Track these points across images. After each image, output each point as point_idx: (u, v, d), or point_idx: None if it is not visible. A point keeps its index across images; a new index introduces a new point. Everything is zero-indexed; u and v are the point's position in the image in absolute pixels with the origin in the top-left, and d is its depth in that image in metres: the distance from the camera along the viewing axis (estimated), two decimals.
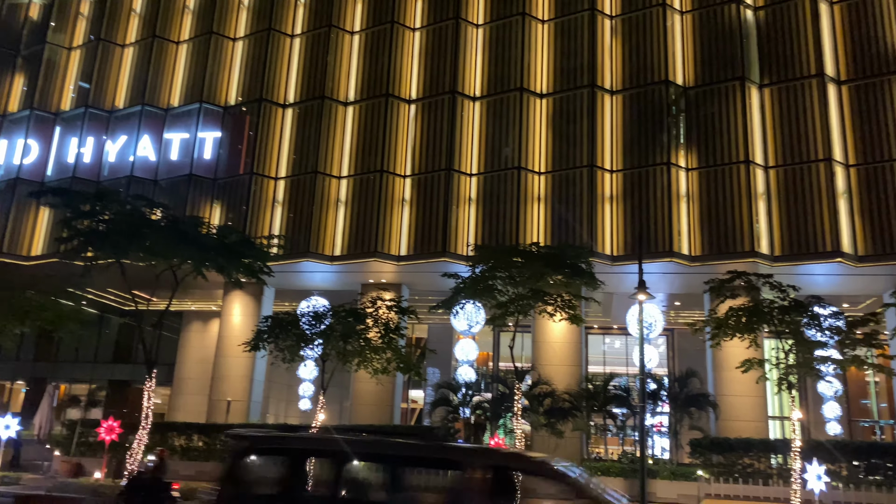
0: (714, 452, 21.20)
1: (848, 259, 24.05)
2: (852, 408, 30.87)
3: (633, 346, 32.46)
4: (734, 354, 21.38)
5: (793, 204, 25.03)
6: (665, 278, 26.78)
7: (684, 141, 26.75)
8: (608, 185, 27.01)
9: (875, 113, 25.05)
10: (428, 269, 26.88)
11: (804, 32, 26.06)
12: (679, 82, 27.16)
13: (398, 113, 29.06)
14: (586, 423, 24.64)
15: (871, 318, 19.27)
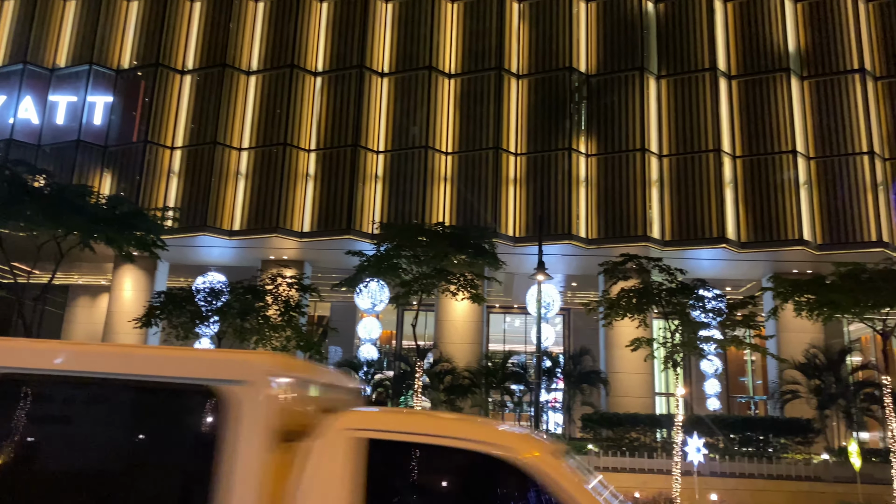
0: (604, 427, 22.19)
1: (732, 245, 25.58)
2: (731, 385, 33.03)
3: (532, 324, 33.36)
4: (625, 334, 22.35)
5: (683, 191, 26.33)
6: (563, 260, 27.62)
7: (585, 127, 27.54)
8: (512, 168, 27.49)
9: (761, 107, 26.63)
10: (332, 247, 26.56)
11: (699, 27, 27.29)
12: (582, 70, 27.88)
13: (303, 85, 28.38)
14: (485, 400, 25.20)
15: (749, 301, 20.58)
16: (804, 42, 27.26)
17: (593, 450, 21.07)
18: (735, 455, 21.12)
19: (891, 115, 26.33)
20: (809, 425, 21.90)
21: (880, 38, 27.02)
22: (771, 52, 26.93)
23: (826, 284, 18.79)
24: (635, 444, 21.49)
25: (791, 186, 25.68)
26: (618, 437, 21.80)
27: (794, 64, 26.83)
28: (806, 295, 19.25)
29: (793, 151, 25.82)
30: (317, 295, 21.73)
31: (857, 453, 18.08)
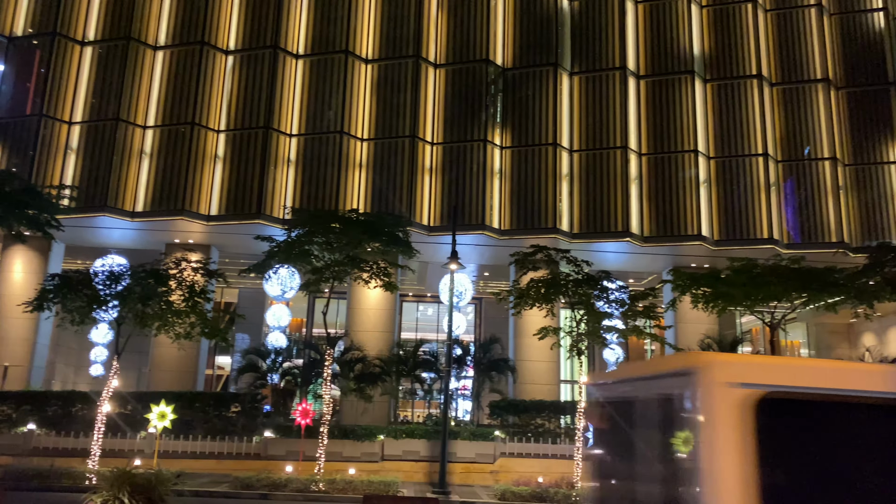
0: (511, 414, 22.68)
1: (635, 239, 26.60)
2: None
3: (444, 313, 33.64)
4: (533, 323, 22.87)
5: (592, 186, 27.14)
6: (477, 250, 27.95)
7: (500, 120, 27.90)
8: (428, 157, 27.54)
9: (666, 108, 27.74)
10: (241, 231, 25.86)
11: (611, 27, 28.12)
12: (499, 62, 28.20)
13: (214, 63, 27.40)
14: (395, 388, 25.26)
15: (650, 293, 21.44)
16: (708, 47, 28.56)
17: (500, 436, 21.50)
18: None
19: (784, 119, 28.00)
20: None
21: (776, 46, 28.65)
22: (677, 55, 28.07)
23: (721, 278, 19.82)
24: (540, 431, 22.09)
25: (692, 184, 26.92)
26: (524, 424, 22.33)
27: (699, 67, 28.08)
28: (702, 288, 20.26)
29: (694, 151, 27.06)
30: (223, 281, 21.10)
31: None
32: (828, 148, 27.36)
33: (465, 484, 20.53)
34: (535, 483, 18.56)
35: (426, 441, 21.14)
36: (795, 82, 28.11)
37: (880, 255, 20.07)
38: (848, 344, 34.04)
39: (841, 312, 24.42)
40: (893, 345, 30.60)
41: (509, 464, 20.84)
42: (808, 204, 27.16)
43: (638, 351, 35.24)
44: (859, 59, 28.54)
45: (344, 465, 19.75)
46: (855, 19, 28.99)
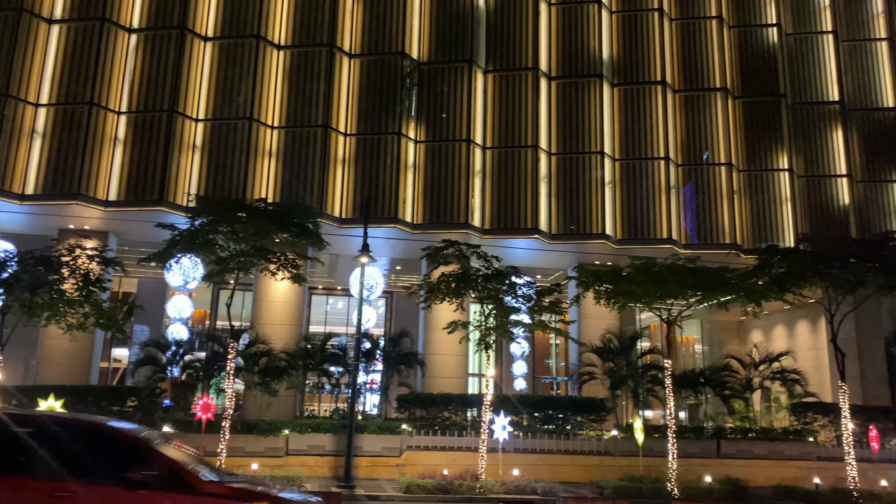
0: (418, 407, 22.76)
1: (543, 236, 27.22)
2: (537, 366, 35.25)
3: (354, 307, 33.35)
4: (443, 317, 23.03)
5: (503, 183, 27.58)
6: (389, 243, 27.88)
7: (415, 114, 27.90)
8: (341, 148, 27.21)
9: (576, 109, 28.49)
10: (141, 218, 24.75)
11: (525, 28, 28.61)
12: (414, 56, 28.17)
13: (116, 41, 26.06)
14: (302, 382, 24.86)
15: (555, 289, 22.01)
16: (616, 52, 29.52)
17: (407, 429, 21.55)
18: (537, 432, 22.59)
19: (685, 125, 29.32)
20: (603, 404, 23.94)
21: (680, 55, 29.94)
22: (587, 59, 28.88)
23: (622, 276, 20.54)
24: (447, 424, 22.27)
25: (598, 185, 27.79)
26: (431, 417, 22.45)
27: (607, 71, 28.99)
28: (605, 285, 20.94)
29: (601, 152, 27.93)
30: (121, 270, 20.15)
31: (641, 429, 20.07)
32: (724, 154, 28.85)
33: (371, 478, 20.48)
34: (440, 475, 18.72)
35: (332, 435, 20.93)
36: (696, 90, 29.47)
37: (769, 256, 21.33)
38: (738, 340, 36.11)
39: (732, 310, 25.83)
40: (779, 341, 32.69)
41: (415, 457, 20.92)
42: (704, 207, 28.56)
43: (544, 345, 36.11)
44: (754, 70, 30.21)
45: (246, 461, 19.29)
46: (751, 33, 30.67)
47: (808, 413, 24.68)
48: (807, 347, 31.24)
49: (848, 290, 20.69)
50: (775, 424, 26.20)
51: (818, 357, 30.30)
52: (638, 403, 25.71)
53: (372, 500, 17.36)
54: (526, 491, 18.16)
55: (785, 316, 32.91)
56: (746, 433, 23.92)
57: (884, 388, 29.22)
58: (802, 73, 30.92)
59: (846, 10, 31.74)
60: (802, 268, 20.53)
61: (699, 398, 26.66)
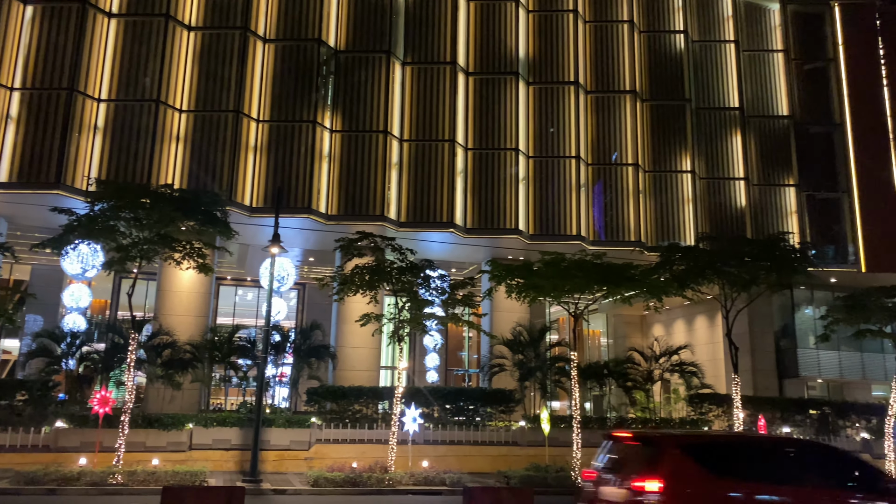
0: (328, 400, 22.52)
1: (459, 230, 27.45)
2: (450, 358, 35.58)
3: (265, 298, 32.64)
4: (357, 309, 22.83)
5: (420, 176, 27.62)
6: (302, 234, 27.41)
7: (331, 103, 27.52)
8: (253, 135, 26.53)
9: (492, 105, 28.84)
10: (36, 202, 23.33)
11: (444, 22, 28.70)
12: (331, 44, 27.77)
13: (9, 13, 24.40)
14: (208, 375, 24.14)
15: (469, 282, 22.25)
16: (532, 51, 30.04)
17: (316, 422, 21.29)
18: (448, 424, 22.80)
19: (595, 125, 30.18)
20: (511, 395, 24.40)
21: (592, 56, 30.77)
22: (504, 56, 29.26)
23: (533, 270, 20.98)
24: (357, 416, 22.14)
25: (512, 181, 28.25)
26: (341, 410, 22.26)
27: (523, 69, 29.47)
28: (516, 279, 21.33)
29: (515, 149, 28.40)
30: (12, 256, 18.97)
31: (548, 420, 20.60)
32: (631, 155, 29.89)
33: (279, 472, 20.13)
34: (349, 468, 18.60)
35: (239, 429, 20.42)
36: (607, 92, 30.39)
37: (670, 254, 22.28)
38: (641, 334, 37.60)
39: (635, 305, 26.88)
40: (679, 335, 34.25)
41: (325, 450, 20.71)
42: (612, 205, 29.53)
43: (457, 338, 36.46)
44: (662, 75, 31.42)
45: (147, 456, 18.55)
46: (660, 38, 31.86)
47: (704, 404, 25.98)
48: (704, 341, 32.87)
49: (742, 287, 21.88)
50: (674, 415, 27.46)
51: (714, 350, 31.94)
52: (545, 394, 26.37)
53: (278, 495, 17.06)
54: (435, 482, 18.30)
55: (685, 311, 34.50)
56: (647, 423, 24.92)
57: (773, 380, 31.15)
58: (706, 79, 32.40)
59: (747, 22, 33.45)
60: (701, 265, 21.55)
61: (603, 389, 27.60)
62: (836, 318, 24.39)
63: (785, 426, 26.22)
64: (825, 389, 33.81)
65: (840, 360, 31.98)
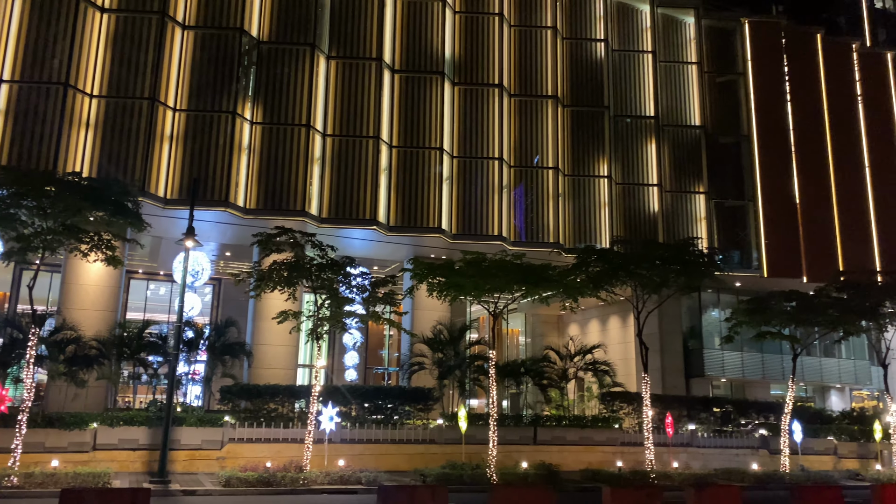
0: (243, 398, 22.01)
1: (381, 228, 27.34)
2: (370, 357, 35.37)
3: (178, 293, 31.58)
4: (275, 306, 22.43)
5: (343, 172, 27.36)
6: (218, 228, 26.64)
7: (253, 94, 26.90)
8: (169, 124, 25.63)
9: (417, 104, 28.85)
10: None
11: (370, 17, 28.50)
12: (254, 34, 27.14)
13: None
14: (115, 372, 23.16)
15: (390, 280, 22.24)
16: (458, 51, 30.24)
17: (229, 421, 20.78)
18: (366, 422, 22.69)
19: (518, 128, 30.66)
20: (430, 394, 24.51)
21: (517, 60, 31.25)
22: (430, 55, 29.33)
23: (454, 270, 21.17)
24: (273, 415, 21.74)
25: (436, 180, 28.37)
26: (256, 409, 21.80)
27: (449, 69, 29.62)
28: (438, 277, 21.45)
29: (440, 148, 28.53)
30: None
31: (465, 418, 20.81)
32: (552, 158, 30.54)
33: (189, 472, 19.54)
34: (262, 468, 18.25)
35: (147, 428, 19.68)
36: (530, 96, 30.93)
37: (587, 256, 22.93)
38: (557, 333, 38.48)
39: (553, 305, 27.50)
40: (593, 335, 35.24)
41: (238, 449, 20.23)
42: (533, 207, 30.09)
43: (377, 336, 36.31)
44: (583, 81, 32.23)
45: (46, 457, 17.63)
46: (582, 46, 32.67)
47: (616, 402, 26.85)
48: (617, 341, 33.96)
49: (653, 289, 22.77)
50: (587, 412, 28.27)
51: (626, 350, 33.04)
52: (464, 393, 26.62)
53: (188, 496, 16.55)
54: (351, 481, 18.18)
55: (599, 311, 35.53)
56: (561, 421, 25.55)
57: (680, 379, 32.50)
58: (624, 87, 33.43)
59: (664, 34, 34.72)
60: (615, 267, 22.29)
61: (520, 388, 28.12)
62: (739, 321, 25.73)
63: (691, 423, 27.41)
64: (729, 388, 35.53)
65: (742, 361, 33.70)
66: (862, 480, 24.18)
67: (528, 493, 12.97)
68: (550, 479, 19.90)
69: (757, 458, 25.78)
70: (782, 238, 33.34)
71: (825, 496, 14.83)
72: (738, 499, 13.45)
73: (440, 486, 14.71)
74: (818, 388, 38.46)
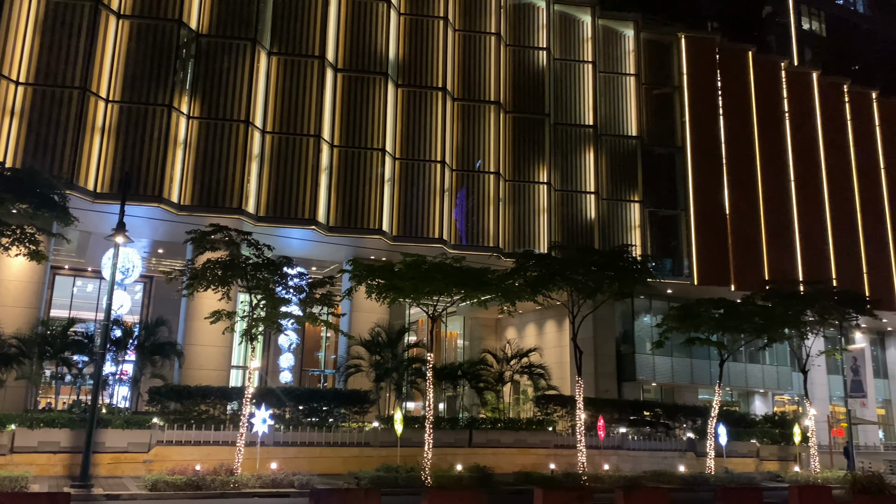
0: (173, 400, 21.42)
1: (321, 228, 27.05)
2: (306, 359, 34.89)
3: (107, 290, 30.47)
4: (208, 305, 21.91)
5: (282, 170, 26.96)
6: (151, 223, 25.88)
7: (190, 87, 26.25)
8: (101, 115, 24.77)
9: (360, 104, 28.66)
10: None
11: (314, 15, 28.18)
12: (193, 26, 26.50)
13: None
14: (36, 371, 22.17)
15: (328, 281, 21.98)
16: (403, 53, 30.20)
17: (158, 423, 20.18)
18: (300, 425, 22.37)
19: (461, 132, 30.82)
20: (366, 396, 24.36)
21: (461, 65, 31.38)
22: (374, 56, 29.19)
23: (394, 272, 21.11)
24: (204, 417, 21.22)
25: (377, 181, 28.24)
26: (186, 411, 21.24)
27: (392, 71, 29.55)
28: (377, 279, 21.35)
29: (382, 150, 28.42)
30: None
31: (401, 421, 20.76)
32: (493, 163, 30.80)
33: (114, 476, 18.87)
34: (191, 471, 17.77)
35: (70, 430, 18.91)
36: (473, 100, 31.13)
37: (525, 260, 23.24)
38: (495, 337, 38.80)
39: (491, 308, 27.69)
40: (530, 339, 35.67)
41: (166, 452, 19.65)
42: (473, 211, 30.27)
43: (314, 338, 35.85)
44: (525, 88, 32.64)
45: None
46: (525, 53, 33.09)
47: (550, 405, 27.24)
48: (553, 345, 34.47)
49: (589, 294, 23.24)
50: (522, 415, 28.58)
51: (562, 354, 33.57)
52: (401, 395, 26.56)
53: (111, 500, 15.97)
54: (283, 484, 17.90)
55: (536, 315, 36.00)
56: (496, 423, 25.75)
57: (613, 382, 33.22)
58: (565, 96, 33.99)
59: (605, 45, 35.46)
60: (552, 272, 22.65)
61: (457, 390, 28.21)
62: (669, 327, 26.47)
63: (622, 427, 28.05)
64: (659, 392, 36.51)
65: (672, 366, 34.69)
66: (781, 482, 25.20)
67: (461, 496, 13.00)
68: (484, 482, 20.03)
69: (685, 460, 26.57)
70: (712, 247, 34.48)
71: (747, 497, 15.39)
72: (667, 501, 13.81)
73: (374, 489, 14.58)
74: (743, 393, 39.90)
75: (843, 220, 39.01)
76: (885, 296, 37.57)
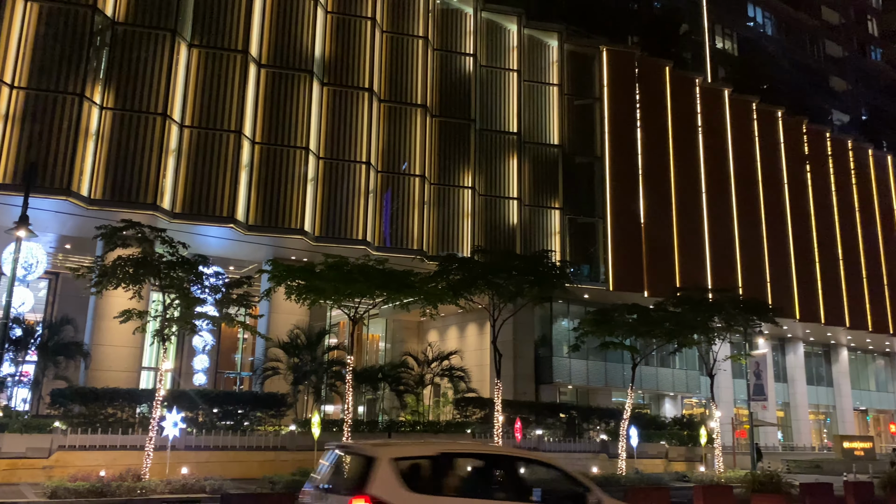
0: (77, 403, 20.47)
1: (239, 226, 26.42)
2: (222, 361, 33.97)
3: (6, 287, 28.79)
4: (118, 304, 21.03)
5: (200, 166, 26.18)
6: (58, 217, 24.63)
7: (104, 77, 25.16)
8: (4, 102, 23.43)
9: (284, 101, 28.17)
10: None
11: (237, 8, 27.51)
12: (108, 13, 25.43)
13: None
14: None
15: (246, 281, 21.48)
16: (329, 52, 29.87)
17: (60, 427, 19.22)
18: (214, 429, 21.76)
19: (387, 134, 30.73)
20: (283, 399, 23.94)
21: (388, 66, 31.30)
22: (299, 52, 28.75)
23: (315, 273, 20.84)
24: (111, 421, 20.35)
25: (300, 180, 27.81)
26: (92, 414, 20.33)
27: (318, 69, 29.19)
28: (297, 280, 21.02)
29: (305, 148, 28.02)
30: None
31: (318, 424, 20.48)
32: (419, 166, 30.86)
33: (10, 483, 17.85)
34: (96, 477, 17.00)
35: None
36: (399, 103, 31.09)
37: (448, 264, 23.38)
38: (417, 339, 38.86)
39: (413, 311, 27.75)
40: (451, 341, 35.90)
41: (69, 457, 18.72)
42: (398, 213, 30.23)
43: (231, 339, 34.95)
44: (451, 93, 32.86)
45: None
46: (452, 58, 33.32)
47: (469, 407, 27.51)
48: (474, 348, 34.80)
49: (509, 298, 23.59)
50: (441, 418, 28.72)
51: (482, 356, 33.92)
52: (319, 398, 26.23)
53: None
54: (194, 489, 17.34)
55: (458, 318, 36.28)
56: (416, 426, 25.80)
57: (531, 385, 33.82)
58: (490, 102, 34.42)
59: (530, 54, 36.12)
60: (474, 276, 22.89)
61: (378, 393, 28.11)
62: (585, 331, 27.17)
63: (539, 428, 28.59)
64: (574, 395, 37.41)
65: (588, 369, 35.63)
66: (688, 482, 26.23)
67: None
68: None
69: (598, 461, 27.31)
70: (627, 254, 35.62)
71: (655, 497, 15.96)
72: None
73: (288, 493, 14.36)
74: (654, 396, 41.37)
75: (749, 231, 41.02)
76: (787, 304, 39.77)
